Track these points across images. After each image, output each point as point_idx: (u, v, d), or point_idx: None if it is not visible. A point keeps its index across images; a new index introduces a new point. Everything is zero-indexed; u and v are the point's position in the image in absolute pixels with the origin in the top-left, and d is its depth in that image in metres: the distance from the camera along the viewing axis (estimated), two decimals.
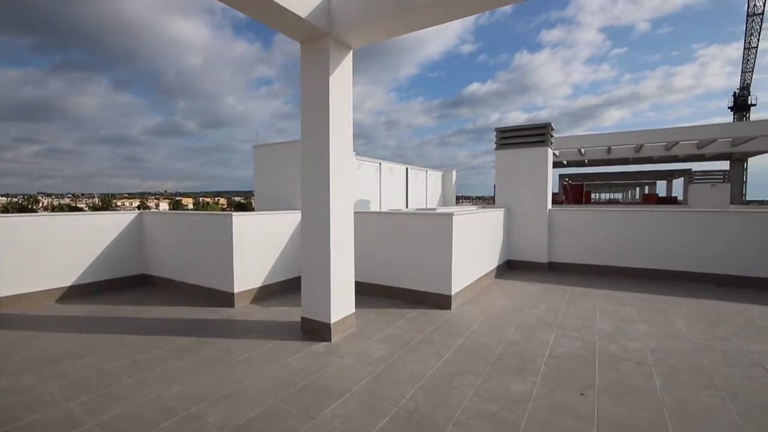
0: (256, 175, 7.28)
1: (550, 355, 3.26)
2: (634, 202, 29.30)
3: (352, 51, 3.69)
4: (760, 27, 47.70)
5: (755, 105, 49.82)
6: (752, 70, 49.75)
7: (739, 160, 17.48)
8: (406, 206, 9.40)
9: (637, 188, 36.84)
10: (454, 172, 11.71)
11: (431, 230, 4.73)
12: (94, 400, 2.57)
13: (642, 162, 17.26)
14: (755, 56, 49.04)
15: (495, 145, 7.60)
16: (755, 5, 47.07)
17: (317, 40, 3.46)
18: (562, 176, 25.58)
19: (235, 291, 4.73)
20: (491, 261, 6.30)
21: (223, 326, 4.06)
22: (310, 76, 3.56)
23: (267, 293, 5.15)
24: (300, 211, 3.95)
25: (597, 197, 40.91)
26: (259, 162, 7.22)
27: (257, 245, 5.01)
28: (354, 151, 7.13)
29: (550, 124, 7.11)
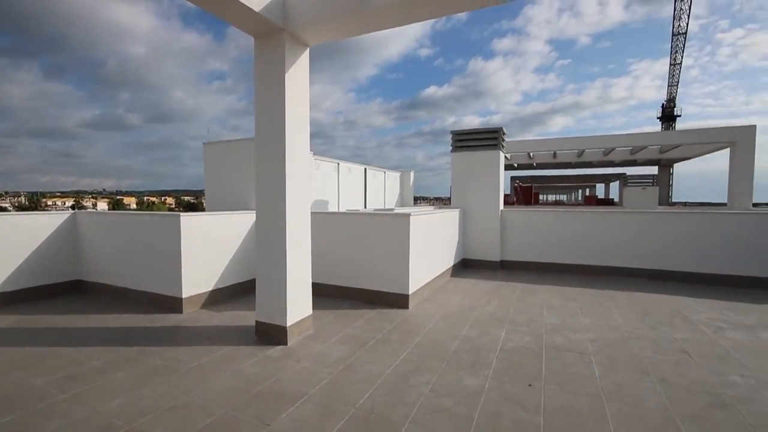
0: (207, 174, 6.94)
1: (501, 350, 3.40)
2: (577, 204, 31.44)
3: (308, 49, 3.63)
4: (684, 46, 53.28)
5: (680, 116, 55.61)
6: (677, 84, 55.35)
7: (666, 166, 19.30)
8: (365, 206, 9.41)
9: (580, 190, 39.56)
10: (411, 173, 11.90)
11: (389, 230, 4.77)
12: (22, 418, 2.32)
13: (583, 166, 18.56)
14: (679, 72, 54.64)
15: (451, 148, 7.82)
16: (679, 26, 52.52)
17: (272, 36, 3.37)
18: (513, 178, 26.86)
19: (184, 296, 4.48)
20: (447, 260, 6.47)
21: (170, 334, 3.82)
22: (264, 73, 3.46)
23: (219, 297, 4.93)
24: (254, 212, 3.82)
25: (545, 198, 43.42)
26: (211, 160, 6.90)
27: (208, 247, 4.77)
28: (312, 150, 7.01)
29: (501, 128, 7.43)
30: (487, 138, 7.48)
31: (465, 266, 7.54)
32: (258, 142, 3.55)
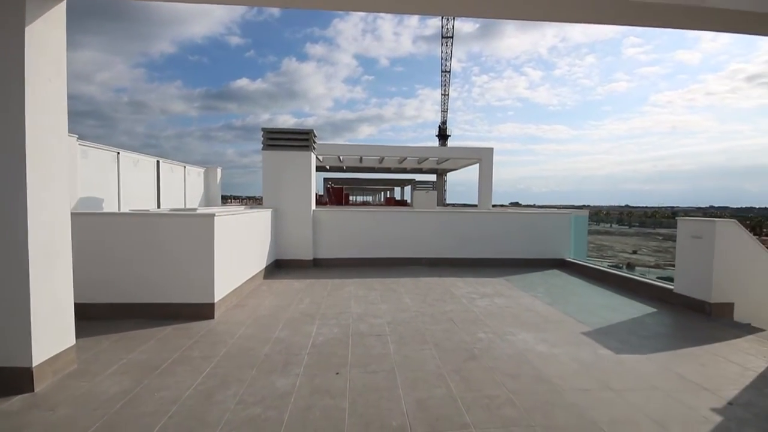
0: None
1: (312, 345, 3.51)
2: (380, 204, 35.72)
3: (65, 1, 2.81)
4: (449, 81, 68.64)
5: (450, 136, 71.25)
6: (447, 111, 70.53)
7: (441, 174, 24.25)
8: (158, 206, 8.02)
9: (382, 192, 45.13)
10: (219, 170, 10.89)
11: (189, 233, 4.20)
12: None
13: (384, 171, 21.28)
14: (448, 101, 69.97)
15: (262, 145, 7.55)
16: (446, 65, 67.40)
17: None
18: (326, 179, 28.19)
19: None
20: (259, 262, 6.22)
21: None
22: None
23: None
24: None
25: (355, 199, 47.42)
26: None
27: None
28: (75, 134, 5.45)
29: (312, 130, 7.66)
30: (299, 139, 7.57)
31: (278, 267, 7.42)
32: None
